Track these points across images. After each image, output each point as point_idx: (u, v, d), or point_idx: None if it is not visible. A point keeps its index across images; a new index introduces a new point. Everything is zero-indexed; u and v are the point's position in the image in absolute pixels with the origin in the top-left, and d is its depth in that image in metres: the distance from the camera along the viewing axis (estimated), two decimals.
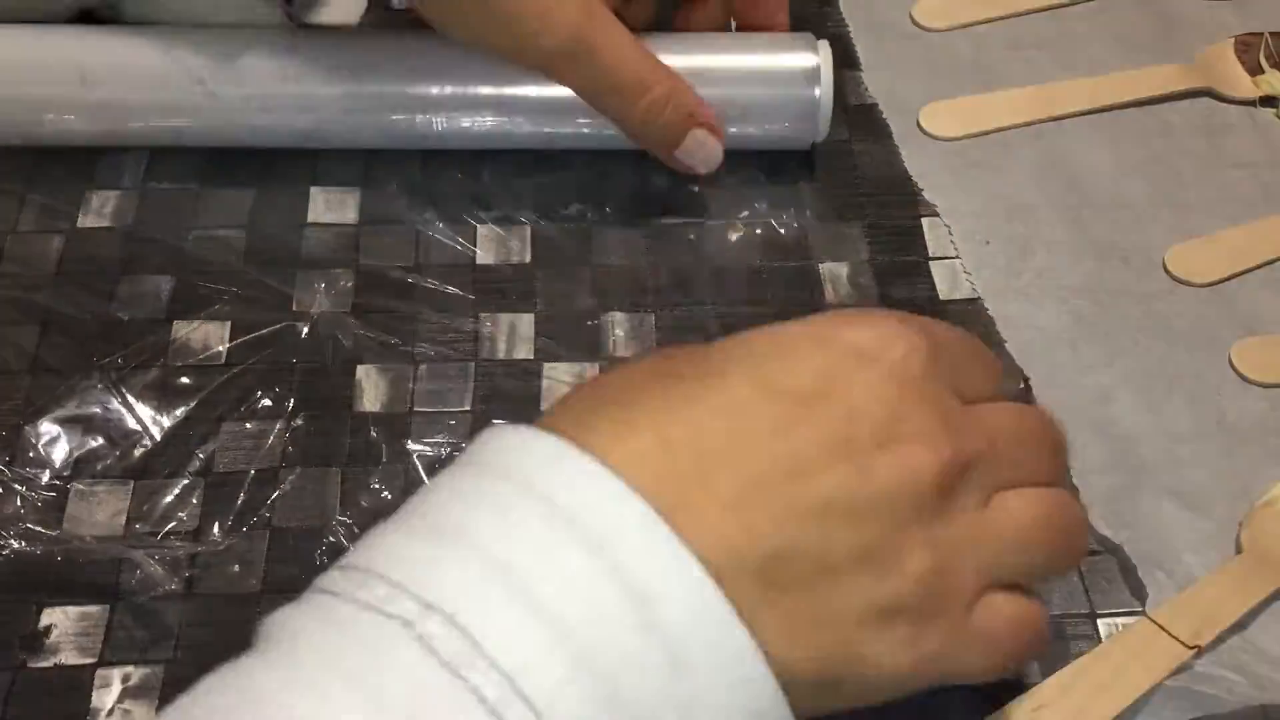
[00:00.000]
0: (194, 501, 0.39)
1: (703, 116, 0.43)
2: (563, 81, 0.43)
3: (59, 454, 0.40)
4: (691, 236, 0.47)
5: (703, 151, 0.43)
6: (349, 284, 0.44)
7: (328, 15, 0.47)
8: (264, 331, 0.43)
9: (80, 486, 0.39)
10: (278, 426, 0.41)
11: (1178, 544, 0.39)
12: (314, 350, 0.43)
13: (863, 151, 0.50)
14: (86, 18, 0.47)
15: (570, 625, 0.23)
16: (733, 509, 0.25)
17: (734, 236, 0.47)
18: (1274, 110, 0.52)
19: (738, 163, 0.47)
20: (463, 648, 0.22)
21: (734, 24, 0.48)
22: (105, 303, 0.43)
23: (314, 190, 0.47)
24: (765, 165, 0.49)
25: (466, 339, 0.43)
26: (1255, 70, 0.52)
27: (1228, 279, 0.46)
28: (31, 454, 0.40)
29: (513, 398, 0.42)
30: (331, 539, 0.38)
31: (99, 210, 0.46)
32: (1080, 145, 0.50)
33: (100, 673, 0.35)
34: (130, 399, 0.41)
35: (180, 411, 0.41)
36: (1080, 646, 0.37)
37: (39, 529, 0.38)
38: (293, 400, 0.41)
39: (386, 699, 0.22)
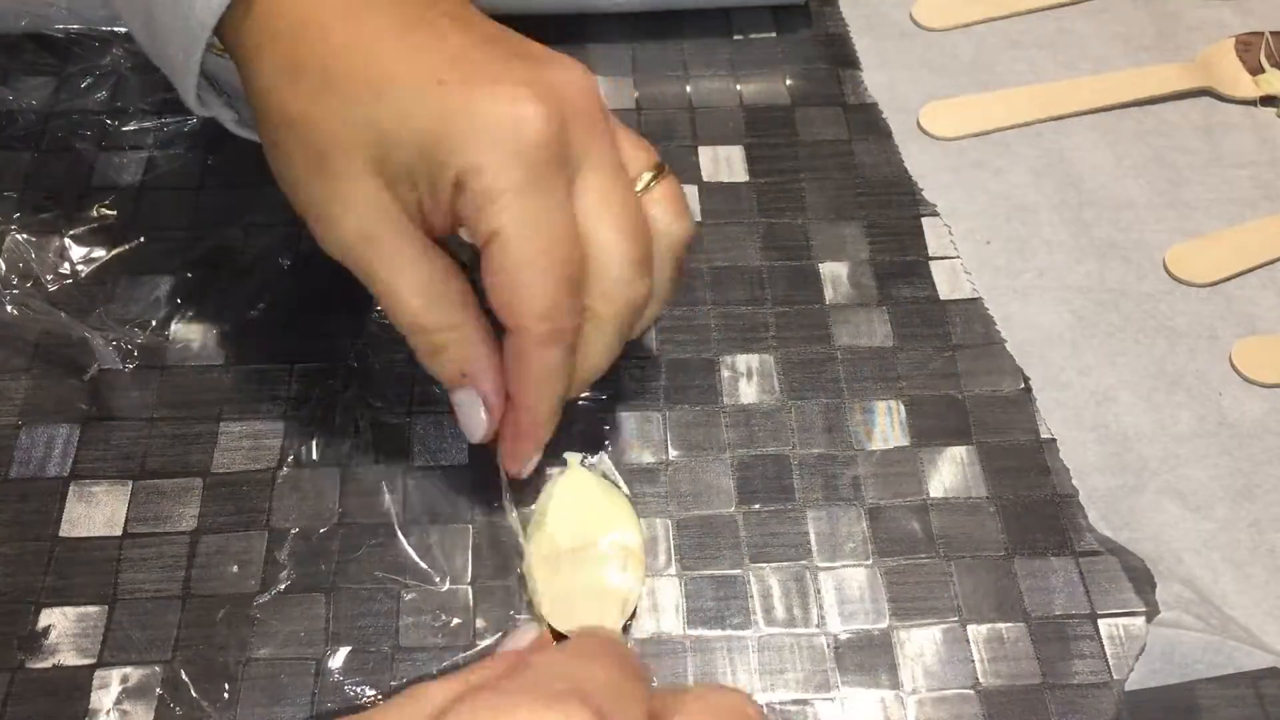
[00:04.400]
0: (194, 501, 0.39)
1: (475, 377, 0.35)
2: None
3: (57, 453, 0.40)
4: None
5: (460, 414, 0.36)
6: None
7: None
8: (264, 330, 0.43)
9: (79, 486, 0.39)
10: (278, 427, 0.41)
11: (1178, 544, 0.39)
12: (313, 350, 0.43)
13: (862, 151, 0.50)
14: None
15: None
16: None
17: (734, 235, 0.47)
18: (1275, 110, 0.52)
19: (738, 158, 0.48)
20: None
21: None
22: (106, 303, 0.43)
23: None
24: (765, 161, 0.49)
25: None
26: (1256, 70, 0.52)
27: (1228, 279, 0.46)
28: (31, 454, 0.40)
29: None
30: (330, 539, 0.38)
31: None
32: (1080, 145, 0.50)
33: (99, 673, 0.35)
34: (131, 398, 0.41)
35: (180, 411, 0.41)
36: (1081, 647, 0.37)
37: (38, 528, 0.38)
38: (292, 400, 0.41)
39: None
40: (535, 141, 0.32)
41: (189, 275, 0.44)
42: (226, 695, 0.35)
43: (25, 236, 0.45)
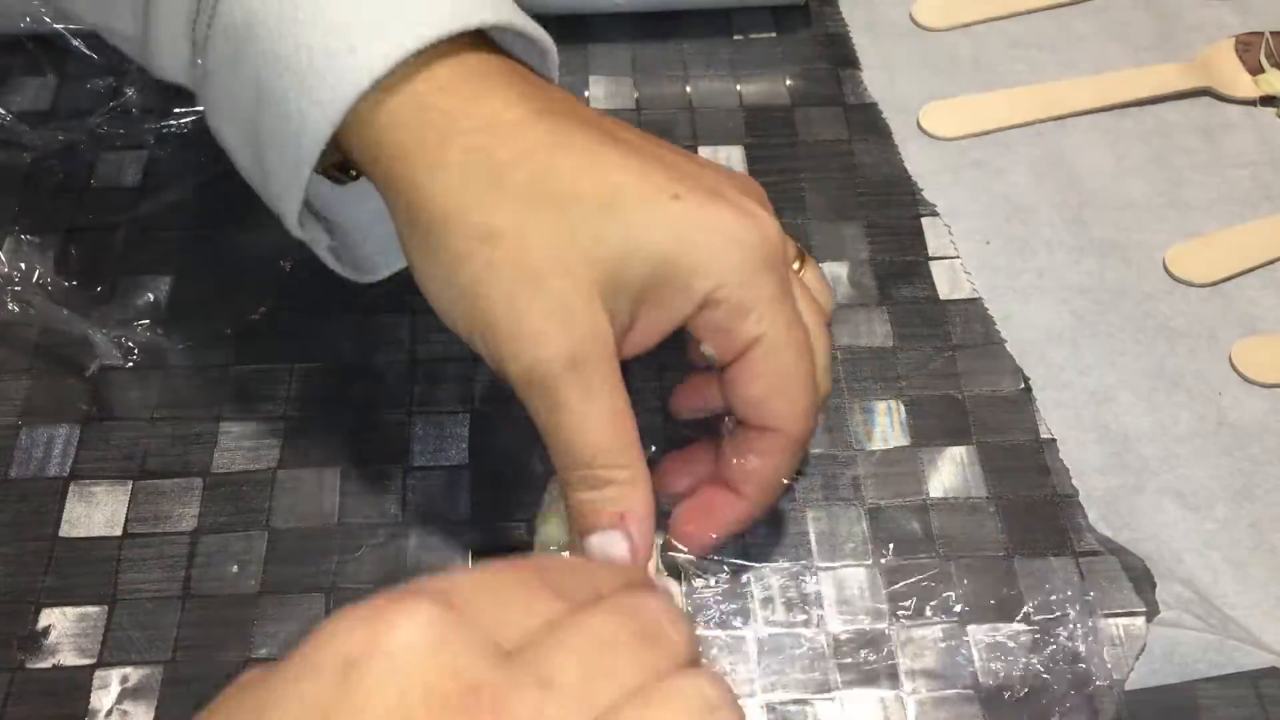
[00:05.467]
0: (194, 501, 0.39)
1: (634, 520, 0.32)
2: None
3: (57, 453, 0.40)
4: None
5: (599, 553, 0.32)
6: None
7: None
8: (265, 330, 0.43)
9: (79, 486, 0.39)
10: (278, 427, 0.41)
11: (1178, 544, 0.39)
12: (314, 351, 0.42)
13: (862, 151, 0.50)
14: None
15: None
16: None
17: None
18: (1274, 110, 0.52)
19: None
20: None
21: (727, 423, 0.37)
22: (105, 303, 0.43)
23: None
24: (765, 161, 0.49)
25: None
26: (1256, 70, 0.52)
27: (1228, 279, 0.46)
28: (31, 454, 0.40)
29: (513, 399, 0.42)
30: (330, 539, 0.38)
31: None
32: (1080, 145, 0.50)
33: (99, 673, 0.35)
34: (131, 398, 0.41)
35: (180, 410, 0.41)
36: (1082, 648, 0.37)
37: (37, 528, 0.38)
38: (292, 400, 0.41)
39: None
40: (774, 250, 0.32)
41: (189, 275, 0.44)
42: None
43: (27, 236, 0.45)
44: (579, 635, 0.23)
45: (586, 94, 0.51)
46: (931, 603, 0.38)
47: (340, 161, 0.36)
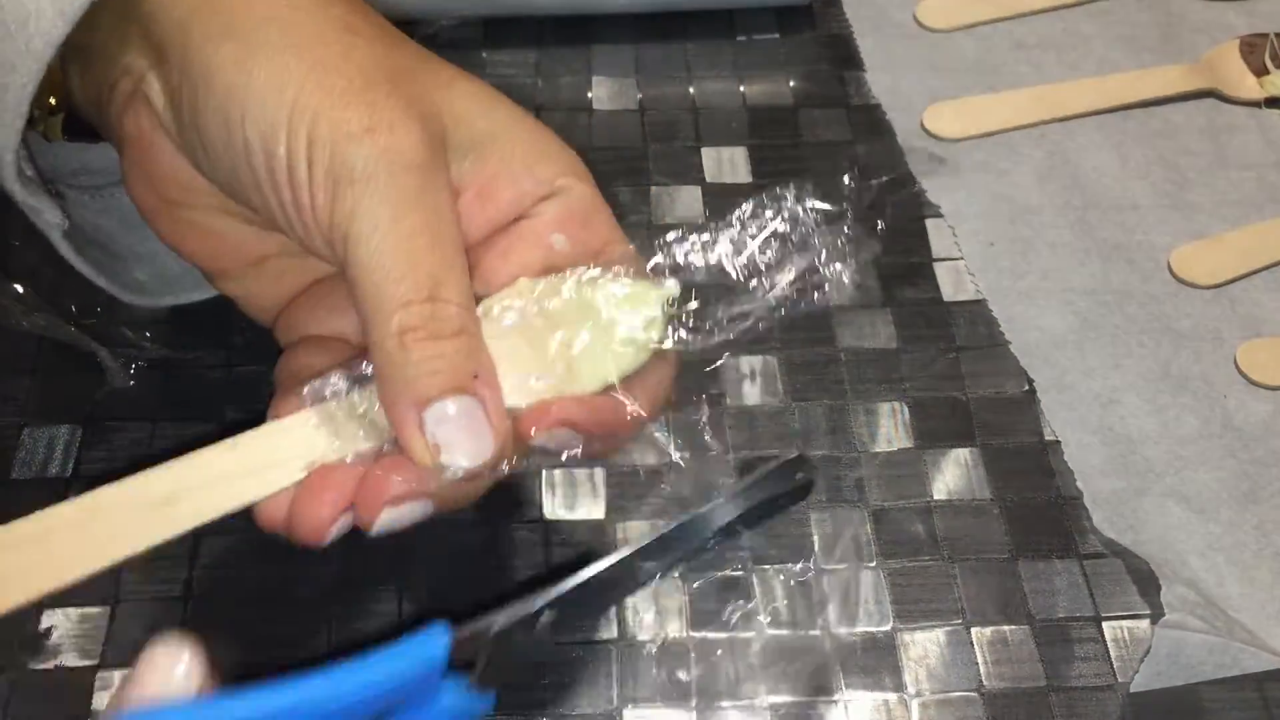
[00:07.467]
0: None
1: (484, 385, 0.27)
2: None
3: (59, 454, 0.40)
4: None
5: (464, 427, 0.27)
6: None
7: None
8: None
9: (82, 487, 0.39)
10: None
11: (1182, 546, 0.39)
12: None
13: (866, 152, 0.50)
14: None
15: None
16: None
17: (737, 237, 0.47)
18: (1279, 111, 0.52)
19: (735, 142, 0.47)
20: None
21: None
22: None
23: None
24: (768, 163, 0.49)
25: None
26: (1261, 71, 0.52)
27: (1233, 281, 0.46)
28: (34, 455, 0.40)
29: None
30: (334, 541, 0.38)
31: None
32: (1085, 146, 0.50)
33: (101, 674, 0.35)
34: (133, 398, 0.41)
35: (183, 411, 0.41)
36: (1085, 650, 0.37)
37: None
38: None
39: None
40: None
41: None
42: None
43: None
44: None
45: (590, 94, 0.51)
46: (935, 605, 0.38)
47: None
